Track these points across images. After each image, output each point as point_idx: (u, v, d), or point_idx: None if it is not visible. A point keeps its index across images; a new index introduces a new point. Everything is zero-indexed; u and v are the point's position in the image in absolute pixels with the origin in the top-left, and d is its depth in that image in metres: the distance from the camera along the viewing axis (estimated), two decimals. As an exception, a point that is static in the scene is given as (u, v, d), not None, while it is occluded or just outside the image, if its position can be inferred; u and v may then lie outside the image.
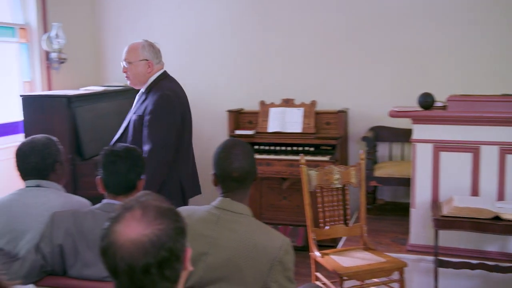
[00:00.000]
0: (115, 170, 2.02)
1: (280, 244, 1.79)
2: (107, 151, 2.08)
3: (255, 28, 5.06)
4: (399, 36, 4.71)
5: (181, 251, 1.16)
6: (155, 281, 1.12)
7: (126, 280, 1.12)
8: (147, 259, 1.10)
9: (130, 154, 2.06)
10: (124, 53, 3.10)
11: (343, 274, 2.88)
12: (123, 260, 1.11)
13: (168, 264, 1.12)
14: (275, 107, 4.70)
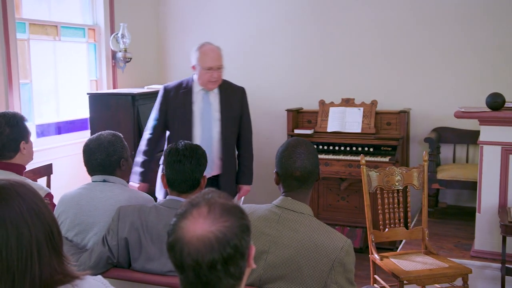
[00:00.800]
0: (180, 169, 2.07)
1: (341, 245, 1.77)
2: (172, 149, 2.12)
3: (315, 26, 5.03)
4: (465, 33, 4.55)
5: (246, 248, 1.18)
6: (220, 277, 1.14)
7: (192, 276, 1.14)
8: (213, 255, 1.12)
9: (195, 153, 2.10)
10: (218, 59, 3.14)
11: (403, 278, 2.81)
12: (189, 256, 1.13)
13: (233, 261, 1.14)
14: (335, 107, 4.65)
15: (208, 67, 3.09)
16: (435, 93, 4.67)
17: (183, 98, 3.20)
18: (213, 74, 3.11)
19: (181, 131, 3.16)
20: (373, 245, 3.16)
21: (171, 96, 3.22)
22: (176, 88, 3.23)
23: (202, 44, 3.18)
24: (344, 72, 4.98)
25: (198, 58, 3.12)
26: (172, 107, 3.21)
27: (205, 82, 3.14)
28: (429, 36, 4.66)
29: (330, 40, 5.00)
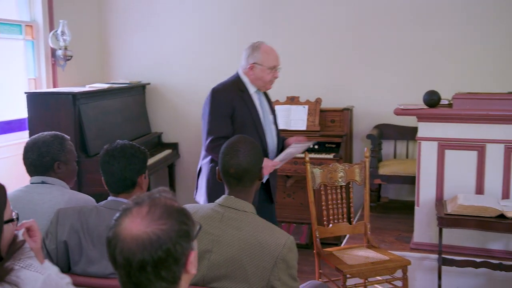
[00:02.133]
0: (109, 170, 2.05)
1: (284, 242, 1.79)
2: (104, 150, 2.09)
3: (260, 25, 5.05)
4: (404, 33, 4.70)
5: (182, 254, 1.16)
6: (150, 279, 1.13)
7: (123, 274, 1.14)
8: (144, 256, 1.11)
9: (125, 153, 2.06)
10: (279, 57, 3.06)
11: (346, 272, 2.88)
12: (121, 254, 1.13)
13: (165, 265, 1.13)
14: (280, 105, 4.70)
15: (273, 65, 2.99)
16: (377, 91, 4.80)
17: (247, 101, 3.01)
18: (275, 73, 3.02)
19: (255, 137, 2.88)
20: (317, 240, 3.22)
21: (235, 100, 2.98)
22: (233, 90, 3.01)
23: (258, 42, 3.05)
24: (289, 70, 5.01)
25: (260, 57, 2.98)
26: (239, 112, 2.97)
27: (266, 82, 3.01)
28: (371, 36, 4.78)
29: (274, 39, 5.02)
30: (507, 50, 4.44)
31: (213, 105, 2.97)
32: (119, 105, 4.73)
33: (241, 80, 3.05)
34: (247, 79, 3.04)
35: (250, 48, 3.03)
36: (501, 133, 3.25)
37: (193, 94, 5.27)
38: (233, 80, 3.07)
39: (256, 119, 2.99)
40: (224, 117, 2.94)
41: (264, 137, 3.01)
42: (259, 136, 2.97)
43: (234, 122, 2.95)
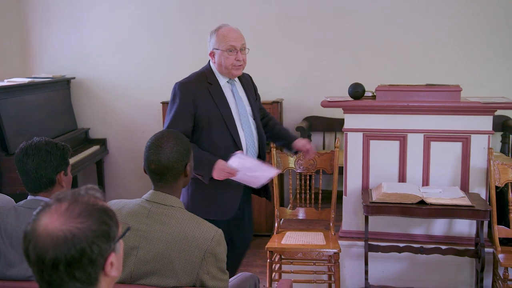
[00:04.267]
0: (25, 168, 1.98)
1: (212, 235, 1.78)
2: (19, 148, 2.01)
3: (188, 19, 5.01)
4: (331, 28, 4.81)
5: (99, 255, 1.12)
6: (63, 279, 1.10)
7: (36, 272, 1.11)
8: (56, 255, 1.08)
9: (39, 150, 1.98)
10: (241, 37, 2.76)
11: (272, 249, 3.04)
12: (34, 250, 1.09)
13: (79, 265, 1.10)
14: (210, 98, 4.67)
15: (231, 46, 2.71)
16: (305, 84, 4.89)
17: (215, 95, 2.72)
18: (237, 55, 2.72)
19: (226, 134, 2.71)
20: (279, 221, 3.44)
21: (198, 95, 2.69)
22: (199, 84, 2.72)
23: (218, 26, 2.80)
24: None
25: (216, 41, 2.73)
26: (203, 107, 2.69)
27: (228, 67, 2.72)
28: (299, 29, 4.86)
29: (203, 32, 5.00)
30: (425, 44, 4.66)
31: (174, 100, 2.71)
32: (42, 101, 4.53)
33: (211, 70, 2.80)
34: (216, 69, 2.80)
35: (209, 35, 2.81)
36: (420, 123, 3.41)
37: (122, 88, 5.15)
38: (201, 72, 2.81)
39: (225, 113, 2.71)
40: (183, 113, 2.66)
41: (237, 132, 2.74)
42: (229, 132, 2.71)
43: (200, 119, 2.68)
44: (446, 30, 4.63)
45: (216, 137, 2.69)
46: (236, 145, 2.72)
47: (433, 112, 3.37)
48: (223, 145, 2.70)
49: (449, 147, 3.40)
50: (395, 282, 3.43)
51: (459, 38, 4.61)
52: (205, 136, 2.70)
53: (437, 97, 3.38)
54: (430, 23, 4.65)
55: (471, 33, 4.59)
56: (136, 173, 5.10)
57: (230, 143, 2.71)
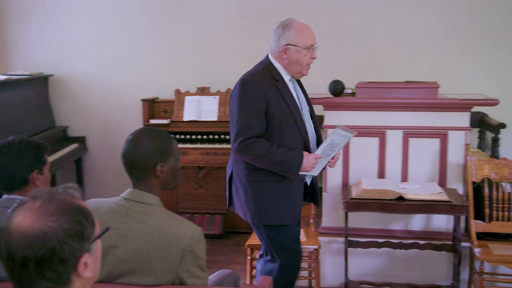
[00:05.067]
0: None
1: (191, 233, 1.77)
2: None
3: (168, 14, 4.97)
4: (311, 24, 4.80)
5: (70, 255, 1.11)
6: (33, 278, 1.08)
7: (7, 270, 1.10)
8: (26, 253, 1.07)
9: (11, 149, 1.96)
10: (314, 36, 2.59)
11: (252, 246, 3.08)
12: (5, 247, 1.08)
13: (49, 265, 1.08)
14: (191, 96, 4.66)
15: (309, 44, 2.54)
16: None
17: (283, 92, 2.55)
18: (313, 54, 2.58)
19: (296, 132, 2.56)
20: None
21: (268, 91, 2.50)
22: (267, 80, 2.54)
23: (288, 20, 2.59)
24: (199, 60, 5.00)
25: (293, 36, 2.53)
26: (275, 105, 2.50)
27: (303, 66, 2.57)
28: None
29: (184, 28, 4.98)
30: (404, 42, 4.70)
31: (243, 99, 2.48)
32: (19, 98, 4.46)
33: (274, 67, 2.60)
34: (280, 65, 2.60)
35: (280, 28, 2.58)
36: (399, 119, 3.44)
37: (101, 85, 5.10)
38: (264, 68, 2.61)
39: (295, 112, 2.55)
40: (257, 112, 2.46)
41: (306, 131, 2.60)
42: (300, 132, 2.56)
43: (271, 119, 2.49)
44: (424, 28, 4.67)
45: (287, 136, 2.53)
46: (305, 145, 2.58)
47: (411, 109, 3.40)
48: (294, 145, 2.54)
49: (427, 143, 3.44)
50: (374, 277, 3.46)
51: (437, 36, 4.66)
52: (275, 135, 2.51)
53: (415, 94, 3.42)
54: (409, 21, 4.69)
55: (449, 31, 4.64)
56: (116, 172, 5.05)
57: (300, 143, 2.57)
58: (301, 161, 2.49)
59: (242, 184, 2.60)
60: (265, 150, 2.45)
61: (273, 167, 2.50)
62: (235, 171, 2.65)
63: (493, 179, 3.24)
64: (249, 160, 2.51)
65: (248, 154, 2.47)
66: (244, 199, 2.60)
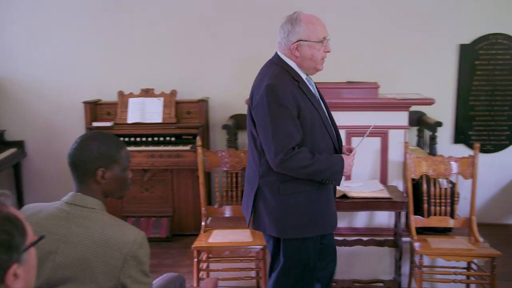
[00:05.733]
0: None
1: (133, 238, 1.72)
2: None
3: (110, 14, 4.87)
4: (256, 25, 4.85)
5: None
6: None
7: None
8: None
9: None
10: (326, 28, 2.38)
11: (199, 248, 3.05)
12: None
13: None
14: (134, 98, 4.59)
15: (323, 37, 2.34)
16: (232, 82, 4.90)
17: (308, 94, 2.36)
18: (326, 47, 2.37)
19: (326, 136, 2.39)
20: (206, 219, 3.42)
21: (296, 95, 2.30)
22: (291, 83, 2.33)
23: (296, 13, 2.40)
24: (143, 62, 4.93)
25: (305, 31, 2.33)
26: (306, 109, 2.32)
27: (317, 61, 2.37)
28: (225, 28, 4.86)
29: (127, 30, 4.89)
30: (345, 42, 4.80)
31: (274, 106, 2.25)
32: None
33: (289, 66, 2.38)
34: (294, 63, 2.39)
35: (289, 23, 2.38)
36: (342, 119, 3.48)
37: (41, 87, 4.94)
38: (282, 69, 2.37)
39: (323, 115, 2.39)
40: (292, 119, 2.26)
41: (334, 133, 2.44)
42: (329, 134, 2.40)
43: (303, 123, 2.30)
44: (364, 30, 4.80)
45: (320, 142, 2.37)
46: (334, 147, 2.43)
47: (353, 108, 3.48)
48: (325, 149, 2.38)
49: (369, 142, 3.51)
50: (320, 274, 3.52)
51: (376, 37, 4.80)
52: (308, 142, 2.33)
53: (357, 94, 3.51)
54: (351, 22, 4.80)
55: (388, 33, 4.79)
56: (58, 177, 4.90)
57: (330, 145, 2.42)
58: (343, 165, 2.35)
59: (276, 199, 2.38)
60: (310, 159, 2.27)
61: (318, 176, 2.32)
62: (264, 185, 2.41)
63: (430, 176, 3.36)
64: (293, 173, 2.31)
65: (293, 166, 2.27)
66: (281, 215, 2.38)
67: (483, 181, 4.76)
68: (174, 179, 4.54)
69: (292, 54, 2.36)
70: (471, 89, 4.79)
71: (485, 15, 4.70)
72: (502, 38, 4.71)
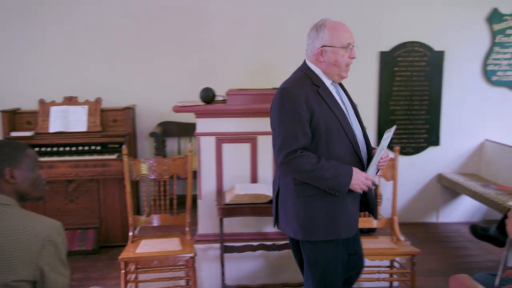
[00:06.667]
0: None
1: (51, 224, 1.75)
2: None
3: (31, 21, 4.68)
4: (182, 32, 4.82)
5: None
6: None
7: None
8: None
9: None
10: (352, 34, 2.37)
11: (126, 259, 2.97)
12: None
13: None
14: (57, 106, 4.42)
15: (346, 43, 2.34)
16: (158, 89, 4.84)
17: (327, 98, 2.35)
18: (352, 53, 2.37)
19: (344, 146, 2.36)
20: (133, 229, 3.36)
21: (311, 99, 2.31)
22: (308, 87, 2.34)
23: (322, 20, 2.40)
24: (65, 69, 4.76)
25: (329, 37, 2.34)
26: (320, 114, 2.31)
27: (342, 67, 2.37)
28: (150, 34, 4.80)
29: (47, 35, 4.71)
30: (271, 50, 4.89)
31: (284, 109, 2.31)
32: None
33: (313, 72, 2.41)
34: (319, 70, 2.41)
35: (314, 30, 2.40)
36: (269, 125, 3.54)
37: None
38: (303, 74, 2.41)
39: (341, 118, 2.36)
40: (300, 122, 2.29)
41: (355, 139, 2.39)
42: (350, 141, 2.37)
43: (317, 128, 2.32)
44: (288, 36, 4.90)
45: (336, 146, 2.35)
46: (356, 154, 2.39)
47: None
48: (343, 153, 2.36)
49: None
50: (251, 280, 3.54)
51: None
52: (322, 145, 2.33)
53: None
54: (276, 29, 4.88)
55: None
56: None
57: (350, 150, 2.38)
58: (351, 179, 2.31)
59: (291, 200, 2.40)
60: (313, 165, 2.27)
61: (321, 183, 2.31)
62: (282, 187, 2.46)
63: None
64: (294, 175, 2.34)
65: (293, 169, 2.29)
66: (295, 216, 2.40)
67: (404, 182, 5.00)
68: (101, 189, 4.41)
69: (317, 60, 2.40)
70: (391, 94, 5.02)
71: (403, 25, 4.94)
72: (418, 46, 4.97)
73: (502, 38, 5.03)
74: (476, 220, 5.23)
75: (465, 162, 5.20)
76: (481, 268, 3.96)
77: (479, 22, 5.02)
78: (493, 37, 5.01)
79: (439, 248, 4.47)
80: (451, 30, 4.99)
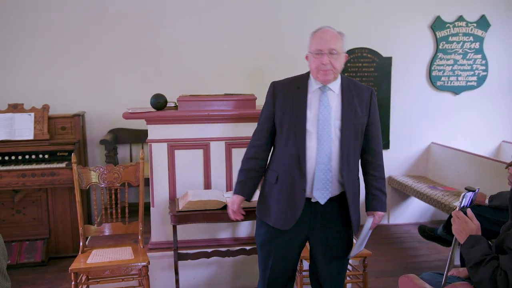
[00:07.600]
0: None
1: None
2: None
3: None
4: (132, 38, 4.76)
5: None
6: None
7: None
8: None
9: None
10: (331, 40, 2.41)
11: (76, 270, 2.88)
12: None
13: None
14: (1, 113, 4.26)
15: (316, 49, 2.41)
16: (108, 96, 4.75)
17: (295, 98, 2.46)
18: (322, 59, 2.39)
19: (291, 142, 2.42)
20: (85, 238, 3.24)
21: (280, 96, 2.50)
22: (287, 85, 2.52)
23: (317, 28, 2.50)
24: (10, 75, 4.60)
25: (309, 44, 2.48)
26: (281, 110, 2.48)
27: (314, 71, 2.45)
28: (100, 40, 4.71)
29: (8, 40, 4.55)
30: (224, 55, 4.89)
31: (265, 100, 2.58)
32: None
33: (308, 74, 2.55)
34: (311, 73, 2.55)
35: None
36: (221, 131, 3.56)
37: None
38: (300, 75, 2.58)
39: (297, 120, 2.43)
40: (264, 120, 2.57)
41: (304, 143, 2.41)
42: (296, 140, 2.41)
43: (276, 123, 2.52)
44: (234, 43, 4.92)
45: (283, 145, 2.47)
46: (298, 158, 2.40)
47: (232, 120, 3.55)
48: (285, 154, 2.45)
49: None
50: (206, 287, 3.52)
51: (255, 50, 4.95)
52: (277, 142, 2.54)
53: (235, 106, 3.58)
54: (224, 37, 4.90)
55: (265, 47, 4.96)
56: None
57: (292, 154, 2.42)
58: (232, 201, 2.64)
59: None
60: (243, 161, 2.61)
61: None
62: None
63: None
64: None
65: (243, 164, 2.62)
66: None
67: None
68: (49, 199, 4.28)
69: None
70: (342, 99, 5.11)
71: (352, 31, 5.05)
72: (367, 52, 5.10)
73: (445, 44, 5.23)
74: (424, 220, 5.41)
75: (413, 165, 5.36)
76: (429, 267, 4.09)
77: (424, 29, 5.21)
78: (437, 43, 5.21)
79: (390, 249, 4.58)
80: (398, 36, 5.15)
